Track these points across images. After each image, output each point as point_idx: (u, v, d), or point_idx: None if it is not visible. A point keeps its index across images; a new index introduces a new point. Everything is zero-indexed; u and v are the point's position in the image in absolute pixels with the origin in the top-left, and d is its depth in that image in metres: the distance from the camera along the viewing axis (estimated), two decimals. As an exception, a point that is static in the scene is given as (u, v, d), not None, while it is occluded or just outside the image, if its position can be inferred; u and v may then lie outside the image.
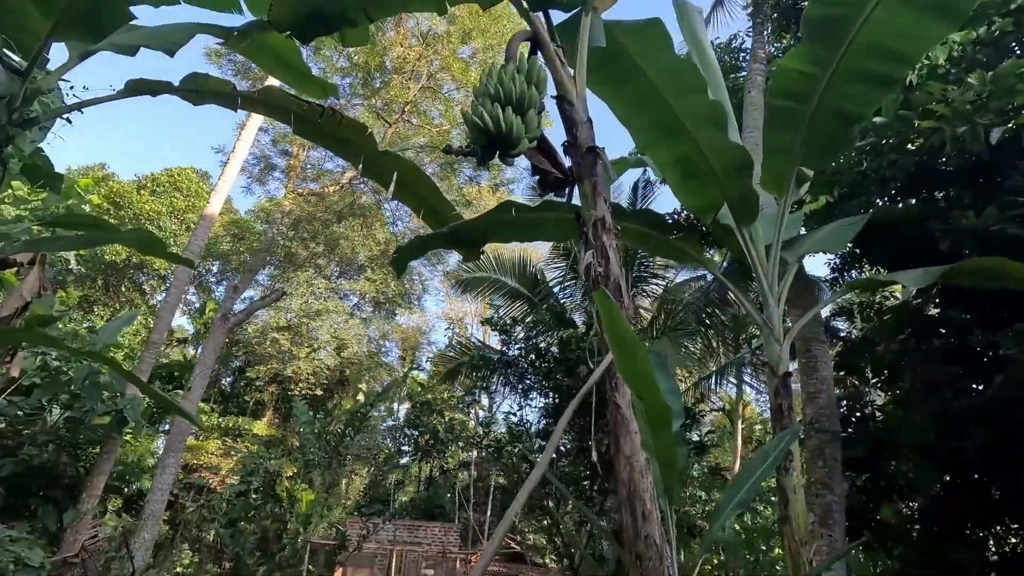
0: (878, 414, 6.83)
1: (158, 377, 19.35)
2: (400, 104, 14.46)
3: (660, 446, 1.91)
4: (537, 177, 2.73)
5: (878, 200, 4.66)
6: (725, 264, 7.08)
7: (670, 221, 7.96)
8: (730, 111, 4.05)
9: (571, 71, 2.72)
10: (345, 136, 3.77)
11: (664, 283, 12.32)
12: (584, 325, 7.28)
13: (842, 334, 8.08)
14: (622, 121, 3.35)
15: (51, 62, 3.36)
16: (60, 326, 12.48)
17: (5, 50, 2.88)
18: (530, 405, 7.72)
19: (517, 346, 8.08)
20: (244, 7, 4.04)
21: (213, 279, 25.53)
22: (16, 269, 5.29)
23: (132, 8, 3.03)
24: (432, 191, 3.85)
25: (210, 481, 19.10)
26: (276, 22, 2.94)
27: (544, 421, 7.38)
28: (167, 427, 15.42)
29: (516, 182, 17.71)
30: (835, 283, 7.41)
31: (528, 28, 2.74)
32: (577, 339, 6.67)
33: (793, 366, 5.43)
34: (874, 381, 6.90)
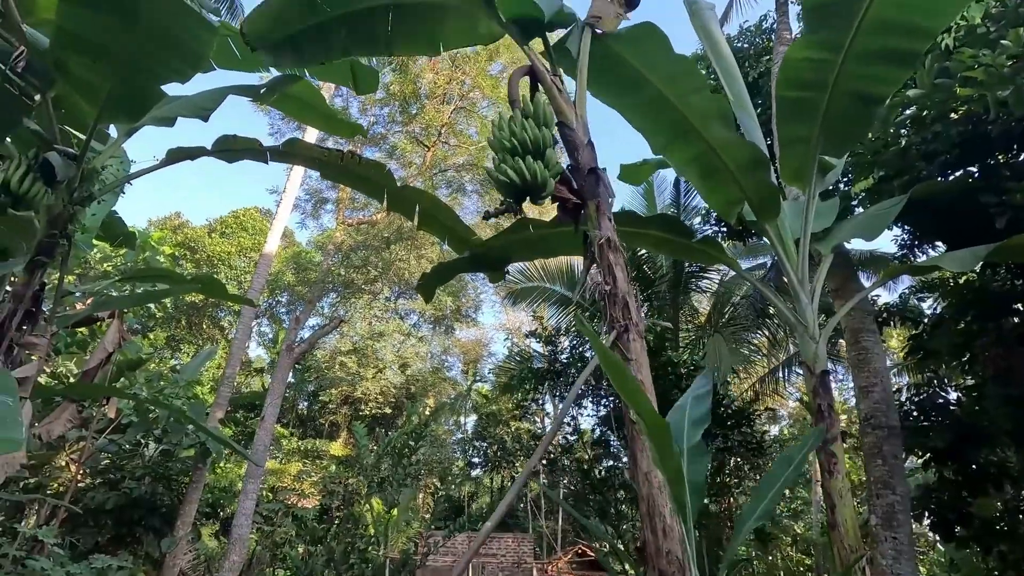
0: (962, 399, 6.32)
1: (240, 406, 20.65)
2: (436, 127, 14.86)
3: (665, 462, 1.91)
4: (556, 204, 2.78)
5: (925, 176, 4.36)
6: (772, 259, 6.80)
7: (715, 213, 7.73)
8: (747, 103, 3.95)
9: (570, 95, 2.76)
10: (367, 175, 3.97)
11: (720, 276, 11.94)
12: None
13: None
14: (635, 126, 3.34)
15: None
16: (151, 367, 13.62)
17: (64, 132, 3.26)
18: (584, 413, 7.68)
19: (564, 355, 8.07)
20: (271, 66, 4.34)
21: (283, 309, 27.01)
22: (100, 324, 5.90)
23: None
24: (452, 218, 3.99)
25: (294, 502, 20.14)
26: (248, 36, 2.88)
27: (600, 429, 7.32)
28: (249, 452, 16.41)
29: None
30: (904, 260, 6.94)
31: (527, 62, 2.80)
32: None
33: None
34: (954, 364, 6.40)
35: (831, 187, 4.70)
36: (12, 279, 3.64)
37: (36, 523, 7.64)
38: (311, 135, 11.51)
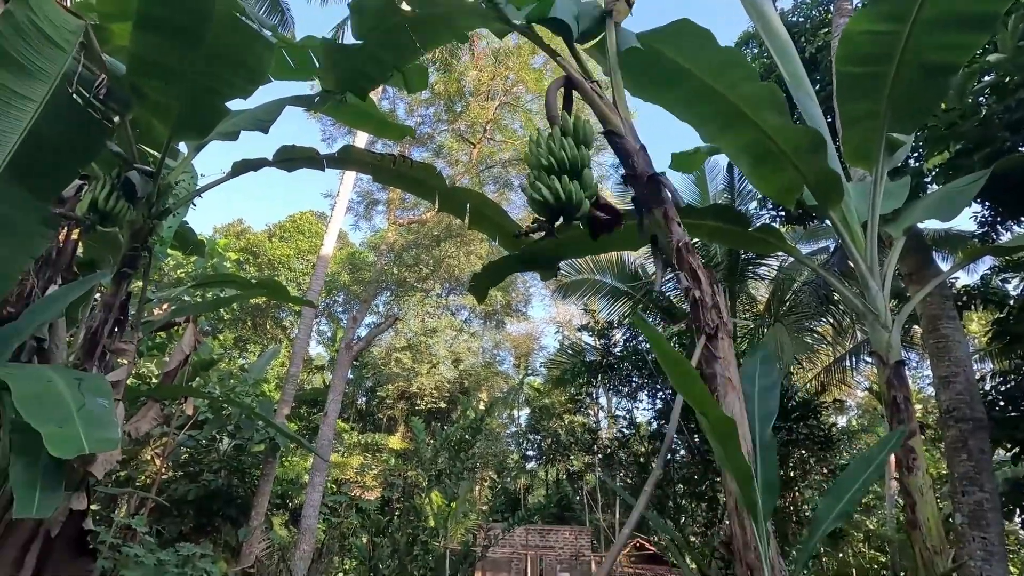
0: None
1: (303, 402, 21.58)
2: (482, 124, 14.94)
3: (733, 463, 1.87)
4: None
5: (1009, 147, 4.02)
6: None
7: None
8: (804, 81, 3.77)
9: (610, 98, 2.71)
10: (418, 177, 4.05)
11: (778, 262, 11.47)
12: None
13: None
14: (679, 117, 3.26)
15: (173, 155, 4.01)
16: (221, 366, 14.42)
17: (139, 150, 3.50)
18: (638, 407, 7.57)
19: (618, 348, 7.97)
20: (322, 73, 4.50)
21: (340, 308, 27.98)
22: (177, 328, 6.31)
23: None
24: (501, 215, 4.01)
25: (357, 494, 20.90)
26: (327, 88, 3.28)
27: (657, 423, 7.20)
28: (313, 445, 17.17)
29: (604, 180, 17.47)
30: (986, 239, 6.45)
31: (562, 73, 2.76)
32: (681, 334, 6.45)
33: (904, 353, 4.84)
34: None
35: (901, 164, 4.42)
36: (101, 289, 3.93)
37: (127, 513, 8.25)
38: (361, 139, 11.83)
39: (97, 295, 4.84)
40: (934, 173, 5.70)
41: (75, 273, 4.45)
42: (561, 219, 2.35)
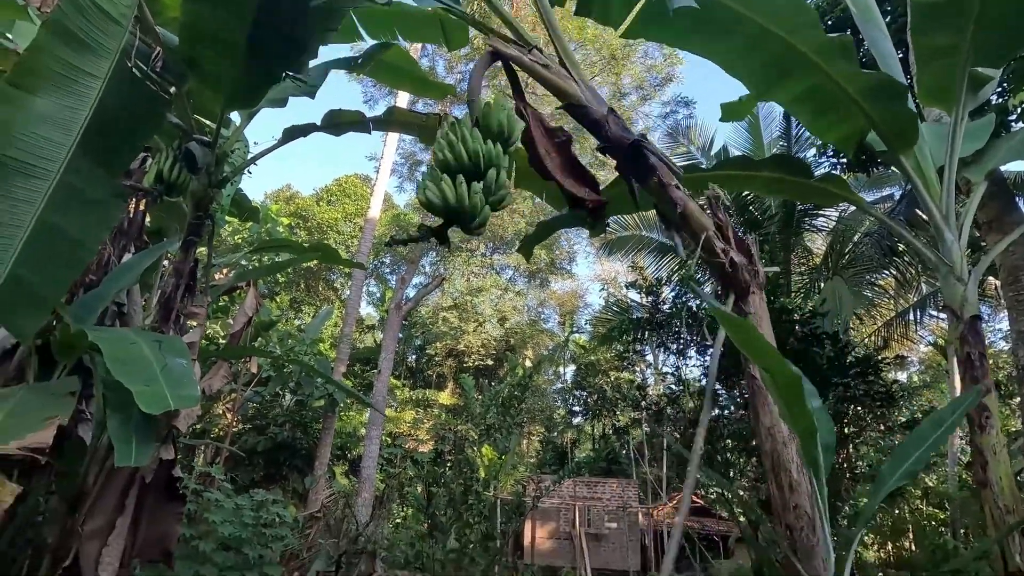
0: None
1: (357, 360, 22.48)
2: (523, 78, 14.54)
3: (797, 418, 1.84)
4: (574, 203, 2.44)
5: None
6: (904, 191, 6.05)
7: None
8: (873, 12, 3.46)
9: (557, 64, 2.54)
10: (462, 136, 4.03)
11: (838, 212, 10.88)
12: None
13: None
14: (728, 70, 3.05)
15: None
16: (279, 327, 15.14)
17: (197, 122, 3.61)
18: (688, 364, 7.52)
19: (667, 306, 7.86)
20: (364, 34, 4.46)
21: (387, 270, 28.65)
22: (238, 291, 6.64)
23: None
24: (549, 173, 3.95)
25: (411, 447, 21.91)
26: None
27: (706, 379, 7.13)
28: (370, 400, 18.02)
29: (650, 132, 16.84)
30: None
31: (490, 48, 2.37)
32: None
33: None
34: None
35: (984, 103, 4.05)
36: (168, 257, 4.15)
37: (205, 462, 8.95)
38: (402, 99, 11.77)
39: (165, 262, 5.11)
40: (1021, 109, 5.21)
41: (145, 242, 4.72)
42: (454, 224, 1.94)
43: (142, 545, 2.91)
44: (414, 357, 29.17)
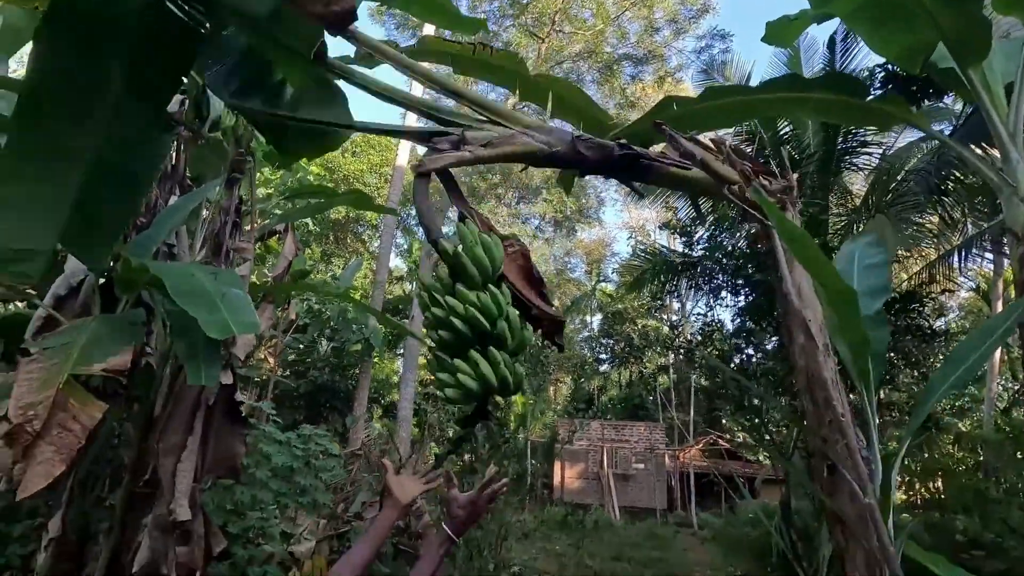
0: None
1: (387, 310, 22.95)
2: (550, 15, 13.99)
3: (848, 332, 1.84)
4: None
5: None
6: (964, 116, 5.72)
7: (881, 74, 6.65)
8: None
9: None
10: (499, 65, 3.92)
11: (881, 150, 10.39)
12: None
13: None
14: None
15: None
16: (312, 278, 15.50)
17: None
18: (721, 304, 7.48)
19: (701, 247, 7.75)
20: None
21: (414, 222, 28.76)
22: (276, 236, 6.78)
23: None
24: (587, 102, 3.85)
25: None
26: None
27: (738, 320, 7.12)
28: (403, 351, 18.52)
29: (684, 68, 16.12)
30: None
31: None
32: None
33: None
34: None
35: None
36: (207, 205, 4.24)
37: (251, 398, 9.40)
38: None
39: (205, 211, 5.22)
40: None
41: (189, 185, 4.83)
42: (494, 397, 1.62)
43: (211, 463, 3.13)
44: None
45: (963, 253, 11.81)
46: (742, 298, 7.00)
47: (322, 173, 21.88)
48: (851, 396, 2.39)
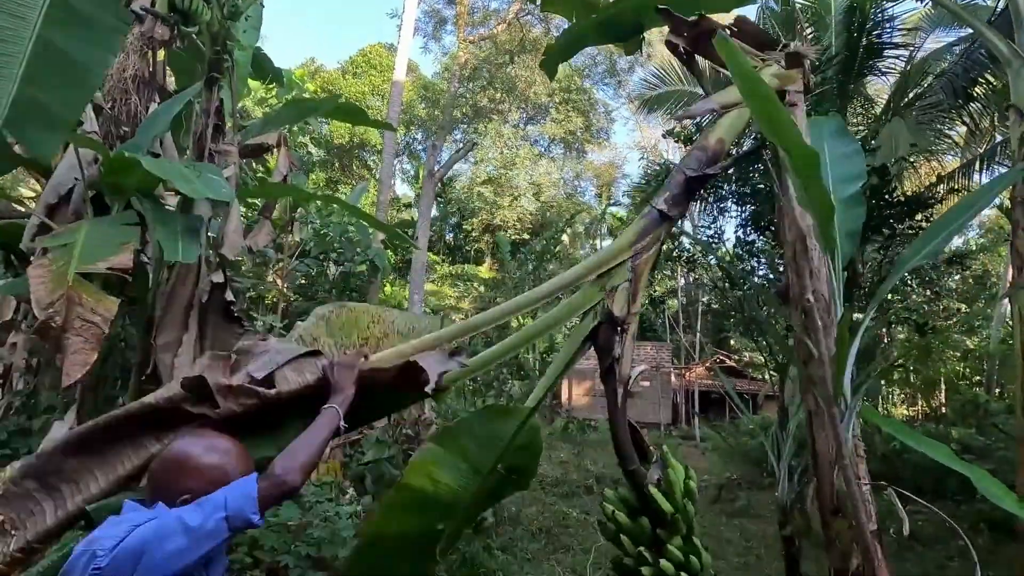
0: None
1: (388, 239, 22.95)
2: None
3: (813, 197, 1.79)
4: None
5: None
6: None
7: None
8: None
9: None
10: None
11: (908, 52, 9.75)
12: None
13: None
14: None
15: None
16: (318, 203, 15.42)
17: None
18: (728, 216, 7.34)
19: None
20: None
21: (419, 146, 28.17)
22: (269, 151, 6.69)
23: None
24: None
25: (454, 316, 23.02)
26: None
27: (742, 230, 7.01)
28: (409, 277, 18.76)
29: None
30: None
31: None
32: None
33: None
34: None
35: None
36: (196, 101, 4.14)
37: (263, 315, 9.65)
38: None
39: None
40: None
41: (170, 94, 4.71)
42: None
43: (209, 358, 3.27)
44: (451, 235, 29.59)
45: (986, 163, 11.33)
46: (747, 208, 6.86)
47: (320, 93, 21.25)
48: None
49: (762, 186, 6.35)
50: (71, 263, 2.58)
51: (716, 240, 6.89)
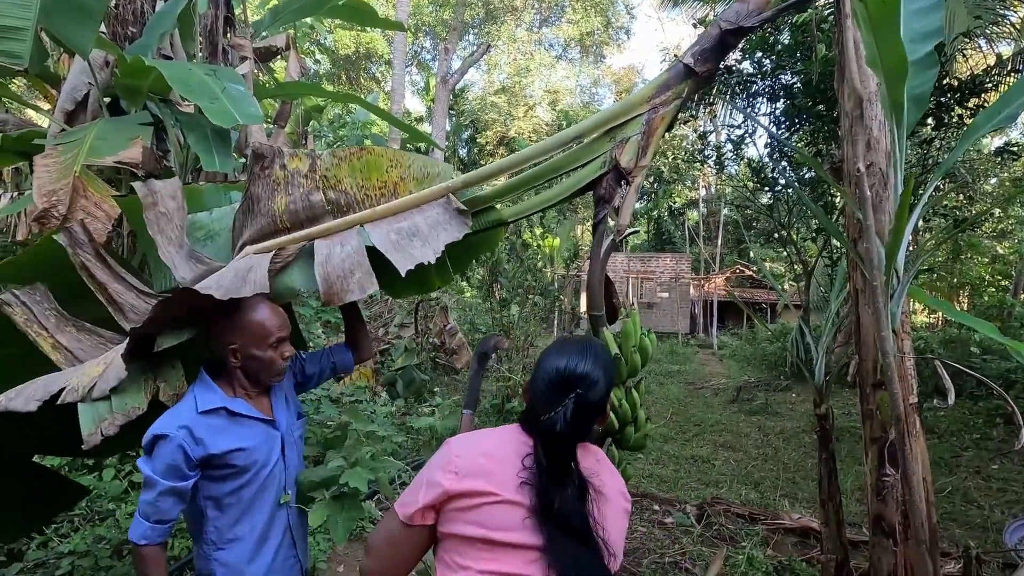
0: None
1: (406, 145, 22.50)
2: None
3: (885, 51, 1.65)
4: None
5: None
6: None
7: None
8: None
9: None
10: None
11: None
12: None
13: None
14: None
15: None
16: (329, 114, 15.00)
17: None
18: (758, 111, 6.94)
19: (736, 53, 6.96)
20: None
21: (428, 55, 26.79)
22: (278, 54, 6.40)
23: None
24: None
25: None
26: None
27: (777, 126, 6.63)
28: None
29: None
30: None
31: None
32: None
33: None
34: None
35: None
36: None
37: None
38: None
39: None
40: None
41: (174, -11, 4.45)
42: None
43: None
44: (465, 151, 28.81)
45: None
46: (779, 104, 6.48)
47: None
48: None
49: (797, 81, 5.95)
50: (80, 155, 2.54)
51: (748, 138, 6.58)
